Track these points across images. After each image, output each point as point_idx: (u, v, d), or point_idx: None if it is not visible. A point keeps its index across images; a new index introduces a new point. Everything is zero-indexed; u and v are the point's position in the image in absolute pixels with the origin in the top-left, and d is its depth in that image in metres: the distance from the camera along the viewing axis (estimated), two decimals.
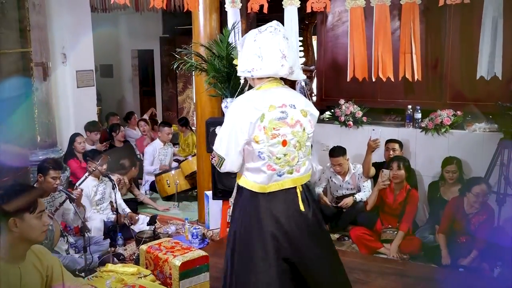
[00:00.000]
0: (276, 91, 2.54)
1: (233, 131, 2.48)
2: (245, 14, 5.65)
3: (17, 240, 2.43)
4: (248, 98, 2.54)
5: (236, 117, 2.48)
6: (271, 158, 2.48)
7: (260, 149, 2.46)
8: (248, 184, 2.54)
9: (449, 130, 5.23)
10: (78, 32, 6.87)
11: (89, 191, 5.15)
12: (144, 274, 3.31)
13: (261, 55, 2.48)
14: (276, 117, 2.47)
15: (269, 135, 2.46)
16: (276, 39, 2.49)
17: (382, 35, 4.81)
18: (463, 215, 4.45)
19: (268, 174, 2.48)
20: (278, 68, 2.50)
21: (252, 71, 2.53)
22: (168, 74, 10.37)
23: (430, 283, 3.70)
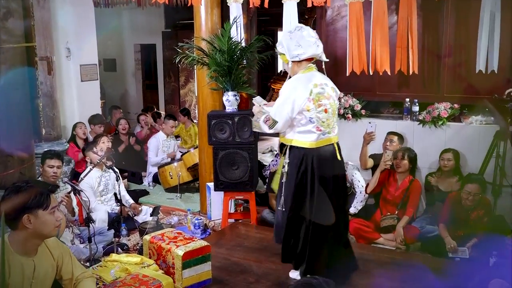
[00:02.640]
0: (315, 74, 3.44)
1: (289, 102, 3.31)
2: (246, 9, 5.70)
3: (30, 236, 2.51)
4: (299, 79, 3.41)
5: (293, 92, 3.34)
6: (318, 122, 3.36)
7: (311, 116, 3.33)
8: (300, 143, 3.39)
9: (446, 122, 5.28)
10: (81, 27, 6.94)
11: (93, 182, 5.23)
12: (147, 264, 3.38)
13: (300, 45, 3.37)
14: (319, 92, 3.36)
15: (316, 105, 3.34)
16: (306, 32, 3.41)
17: (380, 29, 4.87)
18: (462, 210, 4.52)
19: (317, 134, 3.37)
20: (315, 48, 3.40)
21: (299, 56, 3.39)
22: (171, 68, 10.41)
23: (427, 273, 3.77)
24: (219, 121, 4.77)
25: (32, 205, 2.47)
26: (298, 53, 3.40)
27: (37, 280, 2.56)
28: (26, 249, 2.53)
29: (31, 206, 2.47)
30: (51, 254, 2.67)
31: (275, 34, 9.72)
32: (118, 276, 3.17)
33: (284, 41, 3.47)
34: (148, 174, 7.11)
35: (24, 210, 2.46)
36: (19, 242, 2.51)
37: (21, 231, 2.49)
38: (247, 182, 4.83)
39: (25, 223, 2.46)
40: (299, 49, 3.40)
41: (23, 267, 2.50)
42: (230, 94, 4.86)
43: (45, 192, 2.56)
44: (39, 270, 2.57)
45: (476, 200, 4.42)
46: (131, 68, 10.99)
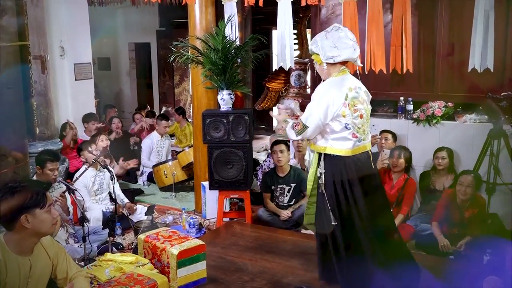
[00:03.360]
0: (348, 77, 3.30)
1: (323, 107, 3.16)
2: (240, 8, 5.69)
3: (28, 235, 2.51)
4: (333, 82, 3.26)
5: (327, 97, 3.17)
6: (354, 128, 3.20)
7: (347, 122, 3.18)
8: (335, 151, 3.23)
9: (440, 121, 5.30)
10: (75, 25, 6.92)
11: (88, 181, 5.22)
12: (142, 263, 3.38)
13: (336, 46, 3.22)
14: (353, 96, 3.21)
15: (352, 110, 3.18)
16: (343, 33, 3.26)
17: (375, 28, 4.88)
18: (456, 207, 4.54)
19: (353, 140, 3.21)
20: (352, 52, 3.25)
21: (334, 58, 3.23)
22: (165, 67, 10.40)
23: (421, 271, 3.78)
24: (214, 120, 4.77)
25: (29, 205, 2.47)
26: (333, 54, 3.24)
27: (33, 279, 2.56)
28: (23, 249, 2.53)
29: (29, 206, 2.47)
30: (47, 253, 2.67)
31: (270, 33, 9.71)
32: (112, 275, 3.17)
33: (319, 41, 3.30)
34: (143, 173, 7.10)
35: (21, 211, 2.45)
36: (15, 241, 2.50)
37: (18, 231, 2.48)
38: (242, 181, 4.84)
39: (23, 223, 2.45)
40: (334, 51, 3.24)
41: (19, 266, 2.50)
42: (225, 93, 4.85)
43: (41, 191, 2.56)
44: (35, 269, 2.57)
45: (470, 193, 4.44)
46: (125, 67, 10.96)
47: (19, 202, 2.45)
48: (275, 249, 4.19)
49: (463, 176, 4.49)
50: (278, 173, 5.19)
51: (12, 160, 4.33)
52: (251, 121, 4.78)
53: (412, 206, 5.05)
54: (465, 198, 4.47)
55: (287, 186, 5.13)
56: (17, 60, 4.71)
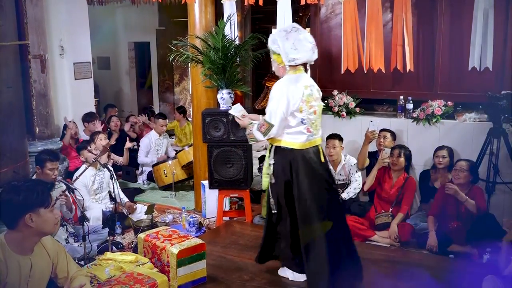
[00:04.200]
0: (303, 75, 3.43)
1: (285, 103, 3.29)
2: (240, 7, 5.69)
3: (30, 234, 2.52)
4: (290, 79, 3.38)
5: (286, 93, 3.30)
6: (309, 123, 3.36)
7: (303, 117, 3.33)
8: (289, 144, 3.37)
9: (440, 120, 5.30)
10: (75, 24, 6.91)
11: (88, 180, 5.22)
12: (142, 262, 3.39)
13: (296, 48, 3.32)
14: (308, 94, 3.36)
15: (308, 106, 3.35)
16: (303, 35, 3.35)
17: (374, 27, 4.88)
18: (454, 200, 4.54)
19: (307, 135, 3.37)
20: (311, 54, 3.38)
21: (295, 60, 3.35)
22: (165, 66, 10.39)
23: (421, 270, 3.79)
24: (213, 119, 4.77)
25: (34, 204, 2.48)
26: (294, 57, 3.33)
27: (34, 278, 2.56)
28: (24, 248, 2.54)
29: (34, 205, 2.47)
30: (47, 253, 2.67)
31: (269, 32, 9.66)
32: (112, 274, 3.17)
33: (279, 41, 3.35)
34: (142, 172, 7.10)
35: (26, 209, 2.45)
36: (17, 241, 2.50)
37: (20, 230, 2.48)
38: (241, 180, 4.84)
39: (27, 222, 2.46)
40: (295, 53, 3.32)
41: (20, 266, 2.50)
42: (225, 92, 4.85)
43: (46, 190, 2.57)
44: (36, 268, 2.57)
45: (463, 178, 4.47)
46: (125, 66, 10.96)
47: (25, 200, 2.45)
48: None
49: (457, 162, 4.57)
50: None
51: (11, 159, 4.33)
52: None
53: (412, 205, 5.05)
54: (458, 182, 4.48)
55: None
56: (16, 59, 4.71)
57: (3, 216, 2.49)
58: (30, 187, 2.51)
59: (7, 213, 2.45)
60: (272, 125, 3.32)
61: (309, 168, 3.36)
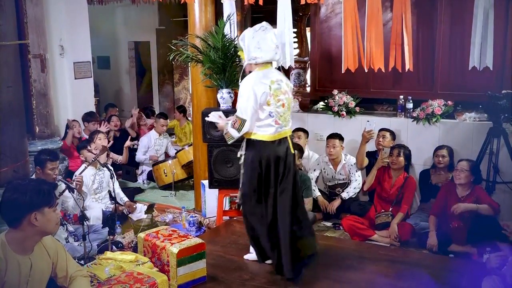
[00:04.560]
0: (271, 71, 3.55)
1: (252, 97, 3.40)
2: (240, 6, 5.69)
3: (33, 233, 2.51)
4: (257, 75, 3.49)
5: (253, 89, 3.41)
6: (277, 116, 3.48)
7: (270, 110, 3.45)
8: (259, 136, 3.51)
9: (440, 119, 5.31)
10: (75, 24, 6.91)
11: (87, 180, 5.22)
12: (142, 262, 3.36)
13: (260, 47, 3.45)
14: (276, 88, 3.47)
15: (276, 99, 3.46)
16: (269, 34, 3.48)
17: (374, 26, 4.87)
18: (456, 199, 4.54)
19: (275, 127, 3.49)
20: (273, 54, 3.50)
21: (256, 59, 3.48)
22: (165, 65, 10.39)
23: (421, 269, 3.79)
24: None
25: (40, 203, 2.47)
26: (256, 55, 3.48)
27: (34, 278, 2.55)
28: (25, 247, 2.53)
29: (40, 204, 2.47)
30: (47, 252, 2.66)
31: None
32: (112, 274, 3.16)
33: (246, 39, 3.52)
34: (142, 172, 7.11)
35: (31, 208, 2.45)
36: (18, 240, 2.50)
37: (23, 229, 2.47)
38: None
39: (32, 221, 2.45)
40: (258, 52, 3.48)
41: (19, 265, 2.49)
42: (225, 91, 4.85)
43: (51, 189, 2.57)
44: (36, 268, 2.56)
45: (464, 178, 4.46)
46: (125, 66, 10.95)
47: (31, 199, 2.45)
48: None
49: (459, 162, 4.57)
50: None
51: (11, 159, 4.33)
52: None
53: (412, 205, 5.06)
54: (459, 182, 4.48)
55: None
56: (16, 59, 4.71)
57: (7, 215, 2.48)
58: (36, 186, 2.51)
59: (11, 212, 2.44)
60: (244, 120, 3.44)
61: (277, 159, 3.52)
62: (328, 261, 3.90)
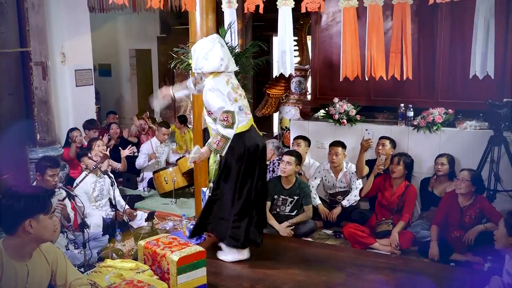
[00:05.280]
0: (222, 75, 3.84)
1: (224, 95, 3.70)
2: (241, 14, 5.71)
3: (29, 240, 2.50)
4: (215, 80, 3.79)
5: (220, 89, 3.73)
6: (245, 108, 3.88)
7: (239, 104, 3.82)
8: (239, 129, 3.77)
9: (441, 128, 5.30)
10: (76, 32, 6.95)
11: (88, 187, 5.21)
12: (142, 269, 3.36)
13: (207, 59, 3.76)
14: (232, 86, 3.84)
15: (238, 94, 3.85)
16: (217, 47, 3.77)
17: (375, 35, 4.88)
18: (458, 209, 4.52)
19: (247, 117, 3.87)
20: (218, 66, 3.79)
21: (202, 69, 3.82)
22: (166, 73, 10.42)
23: (422, 278, 3.77)
24: None
25: (34, 210, 2.46)
26: (202, 66, 3.78)
27: (31, 285, 2.54)
28: (21, 254, 2.52)
29: (34, 211, 2.46)
30: (45, 259, 2.64)
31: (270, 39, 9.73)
32: (112, 281, 3.15)
33: (197, 48, 3.80)
34: (143, 179, 7.10)
35: (26, 215, 2.44)
36: (14, 247, 2.49)
37: (19, 236, 2.46)
38: None
39: (26, 228, 2.44)
40: (204, 63, 3.76)
41: (16, 272, 2.48)
42: None
43: (47, 196, 2.55)
44: (33, 275, 2.55)
45: (465, 188, 4.43)
46: (126, 73, 10.99)
47: (25, 206, 2.44)
48: (275, 255, 4.18)
49: (460, 172, 4.56)
50: (283, 183, 5.15)
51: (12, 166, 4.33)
52: None
53: (413, 213, 5.04)
54: (460, 192, 4.46)
55: (290, 198, 5.10)
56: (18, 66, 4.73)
57: (2, 222, 2.47)
58: (31, 193, 2.50)
59: (7, 219, 2.43)
60: (233, 112, 3.66)
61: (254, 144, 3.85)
62: (329, 269, 3.89)
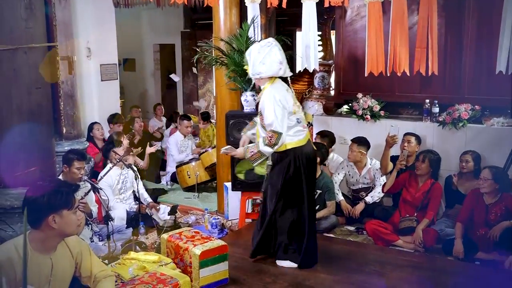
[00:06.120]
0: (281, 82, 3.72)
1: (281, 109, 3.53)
2: (264, 9, 5.69)
3: (53, 234, 2.53)
4: (277, 87, 3.65)
5: (281, 101, 3.56)
6: (302, 121, 3.70)
7: (297, 117, 3.65)
8: (293, 144, 3.63)
9: (467, 124, 5.20)
10: (102, 27, 7.01)
11: (112, 180, 5.28)
12: (165, 262, 3.40)
13: (264, 63, 3.59)
14: (292, 95, 3.69)
15: (297, 106, 3.69)
16: (274, 50, 3.61)
17: (399, 29, 4.83)
18: (483, 207, 4.44)
19: (304, 131, 3.70)
20: (277, 70, 3.64)
21: (260, 74, 3.64)
22: (189, 68, 10.47)
23: (445, 276, 3.73)
24: (237, 121, 4.78)
25: (58, 205, 2.48)
26: (260, 71, 3.62)
27: (56, 278, 2.57)
28: (46, 248, 2.54)
29: (57, 206, 2.48)
30: (70, 252, 2.67)
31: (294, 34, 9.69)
32: (136, 274, 3.20)
33: (252, 53, 3.66)
34: (167, 173, 7.16)
35: (50, 210, 2.46)
36: (39, 240, 2.51)
37: (43, 230, 2.49)
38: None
39: (50, 223, 2.46)
40: (262, 67, 3.61)
41: (40, 265, 2.50)
42: (248, 94, 4.86)
43: (70, 192, 2.57)
44: (57, 268, 2.57)
45: (488, 186, 4.35)
46: (150, 68, 11.07)
47: (48, 201, 2.46)
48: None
49: (482, 170, 4.47)
50: None
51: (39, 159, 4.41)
52: None
53: (437, 211, 4.97)
54: (484, 191, 4.38)
55: None
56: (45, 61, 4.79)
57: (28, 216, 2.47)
58: (54, 188, 2.52)
59: (32, 213, 2.44)
60: (281, 133, 3.53)
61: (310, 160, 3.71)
62: (351, 266, 3.88)
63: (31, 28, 4.38)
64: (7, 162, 3.97)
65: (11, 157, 3.98)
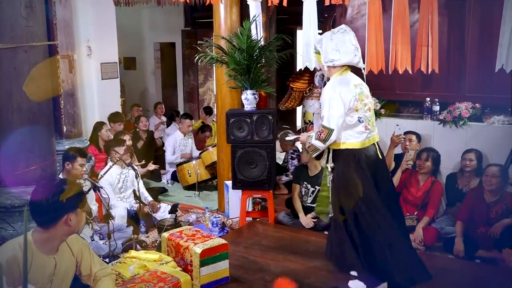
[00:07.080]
0: (351, 75, 3.49)
1: (339, 105, 3.31)
2: (265, 7, 5.69)
3: (63, 233, 2.51)
4: (339, 81, 3.43)
5: (340, 95, 3.32)
6: (366, 121, 3.41)
7: (359, 115, 3.37)
8: (350, 145, 3.40)
9: (468, 122, 5.20)
10: (102, 25, 7.01)
11: (113, 179, 5.28)
12: (165, 261, 3.41)
13: (338, 49, 3.38)
14: (360, 92, 3.40)
15: (362, 104, 3.38)
16: (348, 37, 3.42)
17: (401, 27, 4.82)
18: (483, 205, 4.45)
19: (366, 133, 3.43)
20: (352, 57, 3.42)
21: (334, 61, 3.41)
22: (190, 66, 10.47)
23: (446, 274, 3.73)
24: (237, 119, 4.78)
25: (76, 204, 2.49)
26: (334, 58, 3.41)
27: (58, 277, 2.57)
28: (50, 247, 2.53)
29: (75, 204, 2.49)
30: (71, 251, 2.67)
31: (295, 32, 9.69)
32: (136, 272, 3.21)
33: (324, 41, 3.45)
34: (167, 172, 7.16)
35: (69, 209, 2.45)
36: (44, 240, 2.49)
37: (53, 228, 2.47)
38: (265, 180, 4.84)
39: (68, 222, 2.45)
40: (336, 54, 3.39)
41: (44, 265, 2.50)
42: (249, 92, 4.86)
43: (82, 190, 2.60)
44: (60, 267, 2.57)
45: (495, 184, 4.35)
46: (150, 67, 11.07)
47: (68, 200, 2.44)
48: (297, 249, 4.18)
49: (488, 168, 4.46)
50: (308, 170, 5.14)
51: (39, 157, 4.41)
52: (274, 121, 4.78)
53: (438, 209, 4.97)
54: (491, 188, 4.38)
55: (312, 188, 5.08)
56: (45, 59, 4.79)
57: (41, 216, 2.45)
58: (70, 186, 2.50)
59: (47, 213, 2.41)
60: (332, 130, 3.34)
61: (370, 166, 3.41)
62: None
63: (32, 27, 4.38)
64: (8, 161, 3.97)
65: (12, 156, 3.98)
